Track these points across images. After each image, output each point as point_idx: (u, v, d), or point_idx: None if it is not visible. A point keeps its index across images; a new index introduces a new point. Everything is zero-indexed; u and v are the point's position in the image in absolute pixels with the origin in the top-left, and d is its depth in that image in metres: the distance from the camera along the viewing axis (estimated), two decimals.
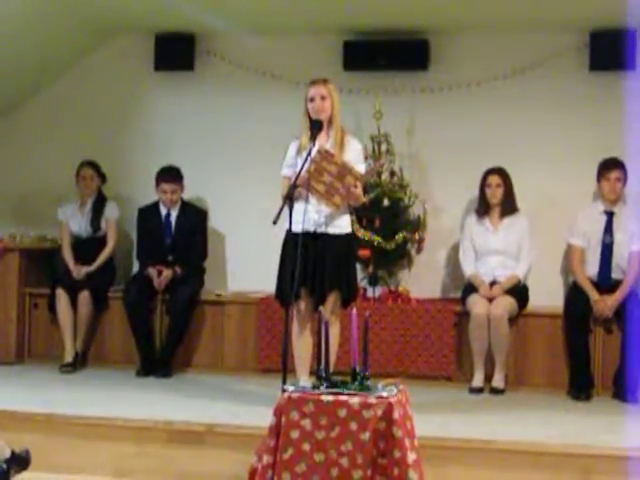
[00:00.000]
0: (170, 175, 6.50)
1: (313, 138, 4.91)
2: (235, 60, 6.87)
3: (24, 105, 7.21)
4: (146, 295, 6.34)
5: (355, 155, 5.06)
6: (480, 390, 5.82)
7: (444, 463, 4.24)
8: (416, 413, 3.81)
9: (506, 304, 5.88)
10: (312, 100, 5.02)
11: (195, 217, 6.63)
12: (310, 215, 4.91)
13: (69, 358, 6.33)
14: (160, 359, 6.25)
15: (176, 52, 6.89)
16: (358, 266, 5.83)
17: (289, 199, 4.80)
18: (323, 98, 5.01)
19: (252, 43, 6.85)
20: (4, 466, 4.16)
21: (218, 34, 6.87)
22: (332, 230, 5.01)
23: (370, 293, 6.39)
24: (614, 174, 5.92)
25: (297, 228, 4.86)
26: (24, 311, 6.63)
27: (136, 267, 6.74)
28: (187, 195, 6.66)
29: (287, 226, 4.84)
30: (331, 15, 6.38)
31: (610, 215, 5.97)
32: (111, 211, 6.72)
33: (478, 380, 5.86)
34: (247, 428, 4.48)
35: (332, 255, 4.99)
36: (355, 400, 3.57)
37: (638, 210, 6.05)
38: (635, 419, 5.13)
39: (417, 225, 6.30)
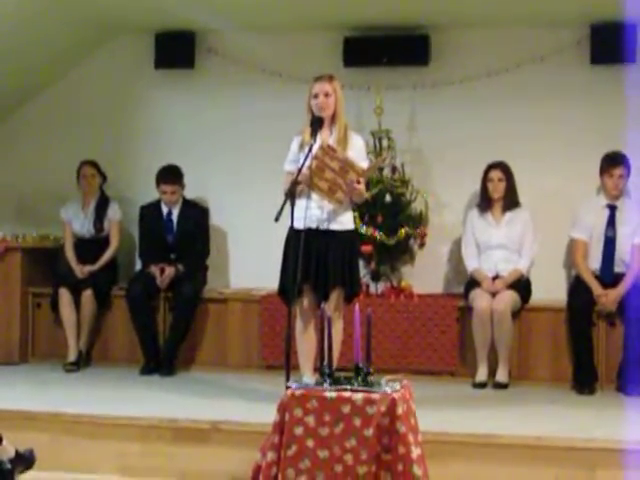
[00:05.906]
0: (169, 175, 6.48)
1: (314, 135, 4.90)
2: (235, 57, 6.86)
3: (25, 105, 7.21)
4: (149, 293, 6.34)
5: (358, 152, 5.04)
6: (484, 385, 5.82)
7: (448, 458, 4.24)
8: (420, 408, 3.81)
9: (509, 298, 5.87)
10: (316, 96, 5.00)
11: (197, 215, 6.63)
12: (312, 211, 4.90)
13: (73, 357, 6.33)
14: (164, 357, 6.25)
15: (176, 50, 6.88)
16: (361, 262, 5.82)
17: (290, 196, 4.80)
18: (327, 95, 4.99)
19: (252, 40, 6.84)
20: (9, 465, 4.18)
21: (218, 32, 6.86)
22: (335, 226, 4.99)
23: (373, 289, 6.41)
24: (618, 171, 5.89)
25: (299, 224, 4.86)
26: (27, 311, 6.63)
27: (138, 266, 6.74)
28: (188, 193, 6.65)
29: (289, 223, 4.84)
30: (331, 11, 6.37)
31: (613, 209, 5.95)
32: (114, 212, 6.73)
33: (481, 375, 5.86)
34: (251, 425, 4.48)
35: (335, 251, 4.98)
36: (359, 396, 3.57)
37: None
38: (639, 412, 5.12)
39: (419, 220, 6.30)
